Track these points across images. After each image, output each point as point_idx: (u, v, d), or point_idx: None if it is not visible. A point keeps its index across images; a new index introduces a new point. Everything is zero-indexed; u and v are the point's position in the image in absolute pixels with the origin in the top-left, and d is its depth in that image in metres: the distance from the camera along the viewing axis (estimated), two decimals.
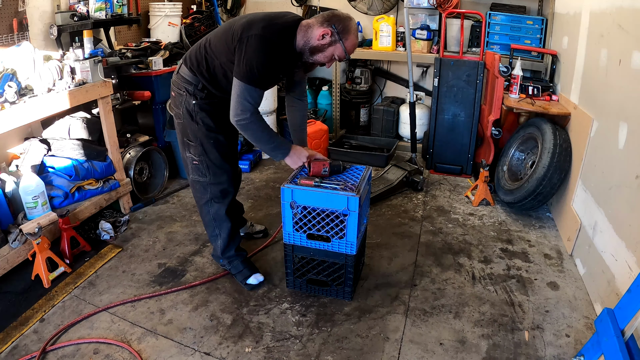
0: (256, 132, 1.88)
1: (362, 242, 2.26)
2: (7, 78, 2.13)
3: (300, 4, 4.33)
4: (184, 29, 3.74)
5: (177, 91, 2.01)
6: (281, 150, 1.99)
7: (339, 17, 1.84)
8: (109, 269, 2.39)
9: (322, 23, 1.83)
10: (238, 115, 1.83)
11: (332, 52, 1.86)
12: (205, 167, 2.06)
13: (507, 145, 3.18)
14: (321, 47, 1.85)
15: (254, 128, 1.87)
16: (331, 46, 1.85)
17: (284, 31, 1.84)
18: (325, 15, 1.85)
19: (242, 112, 1.81)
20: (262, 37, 1.76)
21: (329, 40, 1.83)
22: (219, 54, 1.88)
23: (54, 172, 2.56)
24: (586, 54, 2.59)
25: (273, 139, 1.95)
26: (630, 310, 1.23)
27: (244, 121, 1.83)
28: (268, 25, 1.80)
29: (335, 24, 1.82)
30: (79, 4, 2.87)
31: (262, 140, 1.92)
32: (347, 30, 1.84)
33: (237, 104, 1.81)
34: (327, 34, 1.82)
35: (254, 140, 1.92)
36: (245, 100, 1.80)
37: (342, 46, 1.84)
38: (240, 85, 1.79)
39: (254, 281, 2.23)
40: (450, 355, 1.84)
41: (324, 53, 1.87)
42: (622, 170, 2.01)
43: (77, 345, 1.88)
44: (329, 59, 1.89)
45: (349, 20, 1.86)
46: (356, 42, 1.90)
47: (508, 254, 2.52)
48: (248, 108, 1.81)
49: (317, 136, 3.66)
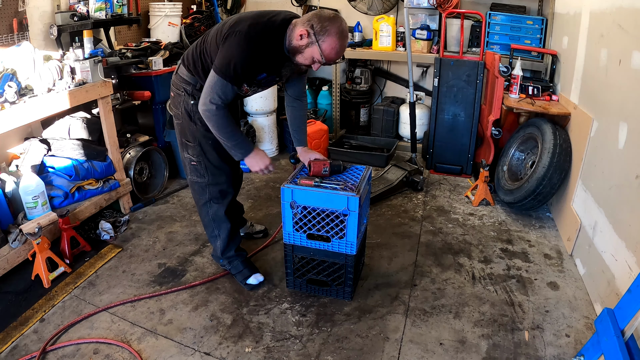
0: (219, 126, 1.84)
1: (362, 242, 2.26)
2: (7, 78, 2.14)
3: (300, 4, 4.33)
4: (184, 29, 3.75)
5: (176, 91, 2.01)
6: (241, 150, 1.92)
7: (320, 17, 1.72)
8: (109, 269, 2.40)
9: (304, 22, 1.74)
10: (205, 105, 1.80)
11: (311, 54, 1.75)
12: (204, 168, 2.05)
13: (507, 145, 3.18)
14: (299, 47, 1.75)
15: (218, 122, 1.83)
16: (308, 48, 1.74)
17: (271, 30, 1.77)
18: (309, 14, 1.75)
19: (209, 103, 1.78)
20: (245, 34, 1.72)
21: (306, 42, 1.73)
22: (212, 53, 1.86)
23: (54, 172, 2.56)
24: (586, 54, 2.59)
25: (236, 136, 1.89)
26: (630, 310, 1.23)
27: (208, 112, 1.80)
28: (254, 23, 1.75)
29: (314, 24, 1.71)
30: (79, 4, 2.87)
31: (223, 135, 1.86)
32: (326, 31, 1.70)
33: (207, 94, 1.78)
34: (304, 35, 1.72)
35: (217, 134, 1.87)
36: (216, 93, 1.77)
37: (319, 48, 1.72)
38: (215, 77, 1.77)
39: (254, 281, 2.23)
40: (450, 355, 1.84)
41: (302, 55, 1.77)
42: (622, 170, 2.01)
43: (77, 345, 1.88)
44: (309, 61, 1.78)
45: (332, 22, 1.72)
46: (337, 45, 1.74)
47: (508, 254, 2.52)
48: (216, 101, 1.78)
49: (317, 136, 3.66)
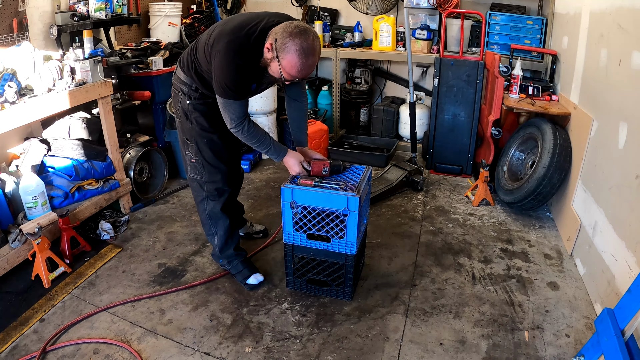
0: (249, 139, 1.94)
1: (362, 242, 2.26)
2: (7, 78, 2.14)
3: (300, 4, 4.33)
4: (184, 29, 3.75)
5: (174, 91, 2.06)
6: (275, 154, 2.01)
7: (283, 31, 1.63)
8: (109, 269, 2.40)
9: (272, 35, 1.67)
10: (229, 125, 1.90)
11: (277, 69, 1.69)
12: (201, 166, 2.09)
13: (507, 145, 3.18)
14: (267, 61, 1.71)
15: (245, 135, 1.92)
16: (273, 62, 1.68)
17: (248, 44, 1.71)
18: (280, 26, 1.67)
19: (230, 122, 1.88)
20: (225, 54, 1.71)
21: (270, 56, 1.68)
22: (202, 63, 1.90)
23: (54, 172, 2.56)
24: (586, 54, 2.59)
25: (266, 144, 1.97)
26: (630, 310, 1.23)
27: (234, 129, 1.90)
28: (232, 39, 1.71)
29: (277, 38, 1.64)
30: (79, 4, 2.87)
31: (255, 146, 1.97)
32: (285, 48, 1.61)
33: (225, 115, 1.88)
34: (269, 48, 1.66)
35: (250, 145, 1.97)
36: (231, 112, 1.86)
37: (279, 65, 1.66)
38: (221, 101, 1.85)
39: (253, 281, 2.23)
40: (450, 355, 1.84)
41: (270, 68, 1.73)
42: (622, 170, 2.01)
43: (77, 345, 1.88)
44: (277, 75, 1.72)
45: (293, 37, 1.61)
46: (297, 64, 1.63)
47: (508, 254, 2.52)
48: (234, 119, 1.87)
49: (317, 136, 3.66)
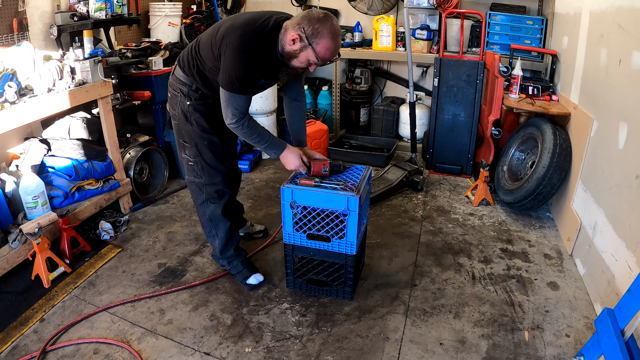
0: (248, 134, 1.91)
1: (362, 242, 2.26)
2: (7, 78, 2.14)
3: (300, 4, 4.33)
4: (184, 29, 3.75)
5: (172, 92, 2.03)
6: (273, 150, 1.99)
7: (310, 18, 1.69)
8: (109, 269, 2.40)
9: (294, 26, 1.71)
10: (229, 120, 1.87)
11: (306, 58, 1.74)
12: (200, 169, 2.07)
13: (507, 145, 3.18)
14: (294, 53, 1.74)
15: (245, 132, 1.90)
16: (302, 52, 1.72)
17: (260, 39, 1.75)
18: (299, 16, 1.73)
19: (231, 117, 1.85)
20: (237, 46, 1.72)
21: (299, 46, 1.71)
22: (206, 60, 1.88)
23: (54, 172, 2.56)
24: (586, 54, 2.59)
25: (264, 139, 1.95)
26: (630, 310, 1.23)
27: (234, 125, 1.87)
28: (243, 33, 1.74)
29: (305, 27, 1.68)
30: (79, 4, 2.87)
31: (253, 142, 1.95)
32: (318, 33, 1.68)
33: (226, 110, 1.85)
34: (297, 39, 1.70)
35: (248, 141, 1.95)
36: (233, 107, 1.83)
37: (314, 52, 1.71)
38: (225, 94, 1.82)
39: (253, 281, 2.23)
40: (450, 355, 1.84)
41: (298, 59, 1.76)
42: (622, 170, 2.01)
43: (77, 345, 1.88)
44: (305, 64, 1.77)
45: (322, 22, 1.69)
46: (331, 45, 1.72)
47: (508, 254, 2.52)
48: (235, 114, 1.84)
49: (317, 136, 3.66)
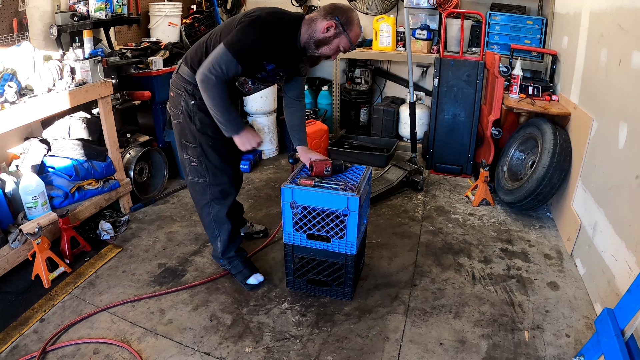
0: (215, 98, 1.82)
1: (362, 242, 2.26)
2: (7, 78, 2.14)
3: (300, 4, 4.33)
4: (184, 29, 3.75)
5: (176, 91, 2.01)
6: (233, 127, 1.90)
7: (341, 9, 1.89)
8: (109, 269, 2.40)
9: (325, 16, 1.87)
10: (204, 74, 1.79)
11: (338, 44, 1.91)
12: (205, 169, 2.05)
13: (507, 145, 3.18)
14: (326, 39, 1.89)
15: (215, 92, 1.82)
16: (336, 38, 1.89)
17: (287, 22, 1.90)
18: (328, 7, 1.90)
19: (209, 72, 1.78)
20: (263, 19, 1.84)
21: (333, 33, 1.87)
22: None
23: (54, 172, 2.56)
24: (586, 54, 2.59)
25: (229, 112, 1.88)
26: (630, 310, 1.23)
27: (207, 82, 1.79)
28: (272, 12, 1.88)
29: (338, 16, 1.86)
30: (79, 4, 2.87)
31: (218, 109, 1.85)
32: (350, 21, 1.88)
33: (209, 63, 1.78)
34: (332, 27, 1.86)
35: (211, 105, 1.86)
36: (218, 64, 1.77)
37: (347, 37, 1.89)
38: (222, 50, 1.78)
39: (254, 281, 2.23)
40: (450, 355, 1.84)
41: (329, 45, 1.91)
42: (622, 170, 2.01)
43: (77, 345, 1.88)
44: (334, 51, 1.94)
45: (351, 12, 1.90)
46: (359, 33, 1.94)
47: (508, 254, 2.52)
48: (217, 72, 1.78)
49: (317, 136, 3.66)
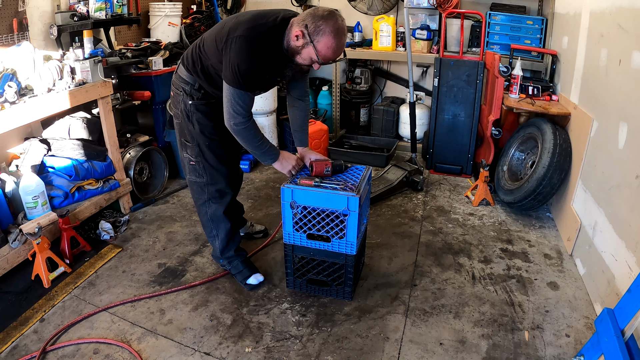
0: (248, 138, 1.87)
1: (362, 242, 2.26)
2: (7, 78, 2.14)
3: (300, 4, 4.32)
4: (184, 29, 3.75)
5: (175, 91, 2.02)
6: (270, 156, 1.96)
7: (314, 16, 1.68)
8: (109, 269, 2.40)
9: (299, 22, 1.71)
10: (230, 120, 1.82)
11: (308, 55, 1.72)
12: (202, 168, 2.05)
13: (507, 145, 3.18)
14: (297, 49, 1.73)
15: (246, 134, 1.85)
16: (305, 49, 1.71)
17: (269, 31, 1.74)
18: (305, 13, 1.73)
19: (234, 116, 1.80)
20: (245, 39, 1.71)
21: (301, 42, 1.70)
22: (211, 55, 1.86)
23: (54, 172, 2.56)
24: (586, 54, 2.59)
25: (264, 145, 1.92)
26: (630, 310, 1.23)
27: (236, 126, 1.83)
28: (252, 26, 1.73)
29: (308, 23, 1.67)
30: (79, 4, 2.87)
31: (253, 146, 1.90)
32: (319, 31, 1.67)
33: (229, 108, 1.80)
34: (300, 35, 1.69)
35: (246, 145, 1.90)
36: (236, 104, 1.78)
37: (314, 49, 1.68)
38: (229, 89, 1.78)
39: (253, 281, 2.23)
40: (450, 355, 1.84)
41: (301, 55, 1.75)
42: (622, 170, 2.01)
43: (77, 345, 1.88)
44: (308, 62, 1.75)
45: (325, 19, 1.67)
46: (333, 44, 1.69)
47: (508, 254, 2.52)
48: (239, 112, 1.79)
49: (317, 136, 3.66)
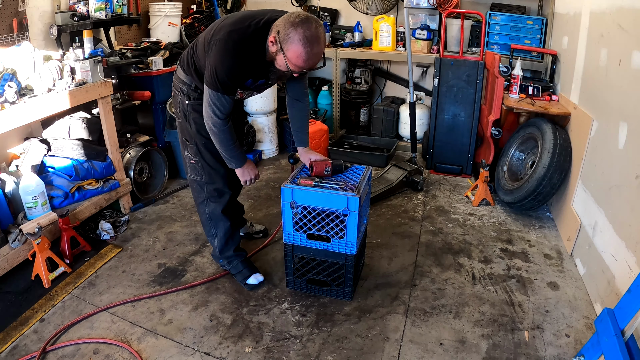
0: (223, 140, 1.89)
1: (362, 242, 2.26)
2: (7, 78, 2.14)
3: (300, 4, 4.32)
4: (184, 29, 3.75)
5: (174, 91, 2.06)
6: (236, 162, 1.98)
7: (286, 22, 1.62)
8: (109, 269, 2.40)
9: (275, 28, 1.66)
10: (208, 120, 1.84)
11: (283, 62, 1.66)
12: (201, 167, 2.08)
13: (507, 145, 3.18)
14: (272, 55, 1.69)
15: (222, 136, 1.87)
16: (278, 55, 1.66)
17: (249, 37, 1.70)
18: (282, 17, 1.67)
19: (212, 117, 1.82)
20: (225, 42, 1.69)
21: (275, 49, 1.66)
22: (201, 57, 1.87)
23: (54, 172, 2.56)
24: (586, 54, 2.59)
25: (236, 149, 1.94)
26: (630, 310, 1.23)
27: (214, 126, 1.84)
28: (233, 30, 1.71)
29: (280, 30, 1.62)
30: (79, 4, 2.87)
31: (227, 147, 1.92)
32: (288, 39, 1.59)
33: (207, 109, 1.82)
34: (273, 42, 1.65)
35: (219, 146, 1.92)
36: (214, 105, 1.79)
37: (284, 57, 1.63)
38: (207, 91, 1.79)
39: (253, 281, 2.23)
40: (450, 355, 1.84)
41: (277, 62, 1.70)
42: (622, 170, 2.01)
43: (77, 345, 1.88)
44: (284, 68, 1.69)
45: (296, 27, 1.59)
46: (303, 53, 1.60)
47: (508, 254, 2.52)
48: (216, 114, 1.80)
49: (317, 136, 3.65)
